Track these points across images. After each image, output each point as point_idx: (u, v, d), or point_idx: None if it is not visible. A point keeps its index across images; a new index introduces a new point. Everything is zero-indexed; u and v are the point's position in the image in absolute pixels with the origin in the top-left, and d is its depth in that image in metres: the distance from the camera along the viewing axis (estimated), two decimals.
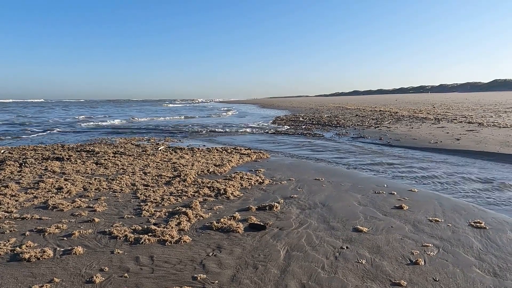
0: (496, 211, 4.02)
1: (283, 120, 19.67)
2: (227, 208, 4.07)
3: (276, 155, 8.08)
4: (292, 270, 2.57)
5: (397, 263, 2.70)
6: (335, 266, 2.64)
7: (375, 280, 2.43)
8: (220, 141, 11.03)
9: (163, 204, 4.22)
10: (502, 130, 11.25)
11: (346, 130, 13.48)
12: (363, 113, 22.47)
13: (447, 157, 7.56)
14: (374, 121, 16.80)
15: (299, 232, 3.32)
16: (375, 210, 3.96)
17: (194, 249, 2.96)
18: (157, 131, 14.72)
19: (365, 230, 3.35)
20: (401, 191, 4.72)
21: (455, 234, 3.26)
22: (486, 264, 2.67)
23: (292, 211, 3.92)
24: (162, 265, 2.66)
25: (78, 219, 3.69)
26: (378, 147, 9.34)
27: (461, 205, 4.17)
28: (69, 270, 2.56)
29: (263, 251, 2.90)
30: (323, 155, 8.13)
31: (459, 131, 11.50)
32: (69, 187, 4.93)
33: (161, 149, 8.80)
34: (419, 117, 17.44)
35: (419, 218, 3.68)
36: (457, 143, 9.30)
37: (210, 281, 2.42)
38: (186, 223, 3.52)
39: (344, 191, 4.78)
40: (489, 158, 7.32)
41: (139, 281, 2.42)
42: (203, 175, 5.82)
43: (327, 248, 2.97)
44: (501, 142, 9.00)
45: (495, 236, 3.22)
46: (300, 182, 5.28)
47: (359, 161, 7.28)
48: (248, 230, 3.36)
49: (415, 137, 10.70)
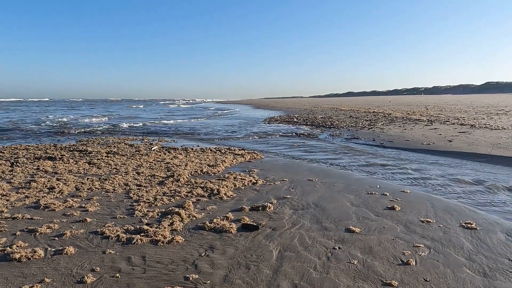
0: (487, 212, 4.06)
1: (277, 120, 19.69)
2: (220, 208, 4.07)
3: (269, 155, 8.09)
4: (284, 270, 2.57)
5: (388, 263, 2.71)
6: (327, 267, 2.65)
7: (366, 280, 2.45)
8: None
9: (156, 204, 4.20)
10: (493, 132, 11.37)
11: (340, 131, 13.53)
12: (357, 114, 22.57)
13: (440, 158, 7.62)
14: (368, 122, 16.89)
15: (292, 232, 3.32)
16: (368, 211, 3.98)
17: (187, 249, 2.95)
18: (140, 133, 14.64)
19: (357, 230, 3.37)
20: (393, 192, 4.75)
21: (446, 235, 3.29)
22: (476, 265, 2.70)
23: (285, 212, 3.93)
24: (154, 265, 2.65)
25: (70, 219, 3.67)
26: (372, 148, 9.39)
27: (453, 206, 4.20)
28: (60, 270, 2.54)
29: (256, 251, 2.91)
30: (316, 156, 8.16)
31: (452, 133, 11.60)
32: (61, 187, 4.89)
33: (155, 149, 8.77)
34: (412, 119, 17.56)
35: (411, 219, 3.71)
36: (450, 144, 9.38)
37: (202, 281, 2.42)
38: (179, 223, 3.52)
39: (337, 191, 4.80)
40: (481, 160, 7.39)
41: (130, 281, 2.41)
42: (196, 175, 5.81)
43: (320, 248, 2.98)
44: (492, 143, 9.09)
45: (485, 236, 3.25)
46: (293, 182, 5.29)
47: (353, 162, 7.31)
48: (241, 231, 3.37)
49: (408, 138, 10.77)
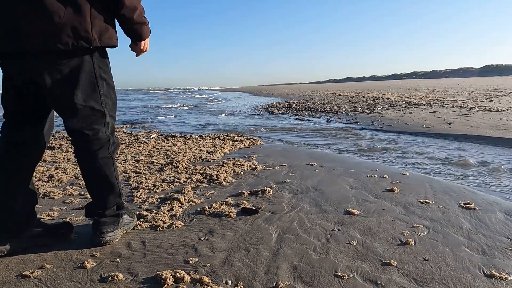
0: (486, 192, 4.07)
1: (276, 107, 19.62)
2: (219, 193, 4.07)
3: (268, 141, 8.07)
4: (284, 252, 2.58)
5: (387, 243, 2.72)
6: (327, 248, 2.66)
7: (365, 261, 2.46)
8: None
9: (155, 190, 4.21)
10: (493, 114, 11.35)
11: (339, 116, 13.50)
12: (356, 99, 22.50)
13: (439, 141, 7.61)
14: (367, 107, 16.84)
15: (291, 215, 3.33)
16: (367, 193, 3.98)
17: (186, 233, 2.96)
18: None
19: (356, 212, 3.38)
20: (392, 175, 4.75)
21: (445, 215, 3.29)
22: (475, 243, 2.71)
23: (284, 196, 3.93)
24: (154, 249, 2.66)
25: (70, 207, 3.67)
26: (371, 132, 9.38)
27: (452, 187, 4.21)
28: (60, 257, 2.55)
29: (255, 234, 2.92)
30: (316, 140, 8.15)
31: (451, 116, 11.58)
32: (60, 175, 4.89)
33: (153, 137, 8.75)
34: (411, 103, 17.51)
35: (410, 200, 3.72)
36: (449, 127, 9.36)
37: (202, 264, 2.43)
38: (178, 209, 3.52)
39: (336, 175, 4.80)
40: (480, 142, 7.38)
41: (131, 266, 2.42)
42: (195, 161, 5.81)
43: (319, 230, 2.98)
44: (491, 125, 9.08)
45: (484, 216, 3.26)
46: (292, 167, 5.29)
47: (352, 146, 7.30)
48: (240, 215, 3.37)
49: (407, 122, 10.75)
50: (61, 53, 2.30)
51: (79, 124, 2.49)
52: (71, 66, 2.35)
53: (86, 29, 2.31)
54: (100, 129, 2.57)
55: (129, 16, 2.48)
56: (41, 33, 2.23)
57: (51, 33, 2.24)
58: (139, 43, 2.70)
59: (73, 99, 2.42)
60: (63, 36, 2.23)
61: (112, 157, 2.67)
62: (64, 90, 2.41)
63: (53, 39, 2.24)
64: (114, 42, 2.55)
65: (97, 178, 2.64)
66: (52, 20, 2.22)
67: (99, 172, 2.61)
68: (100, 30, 2.40)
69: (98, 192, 2.69)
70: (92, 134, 2.54)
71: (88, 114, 2.50)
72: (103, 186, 2.66)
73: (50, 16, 2.21)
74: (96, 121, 2.55)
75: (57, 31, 2.24)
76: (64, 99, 2.44)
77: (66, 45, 2.25)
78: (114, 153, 2.71)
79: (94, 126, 2.54)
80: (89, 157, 2.59)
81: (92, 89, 2.49)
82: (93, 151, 2.56)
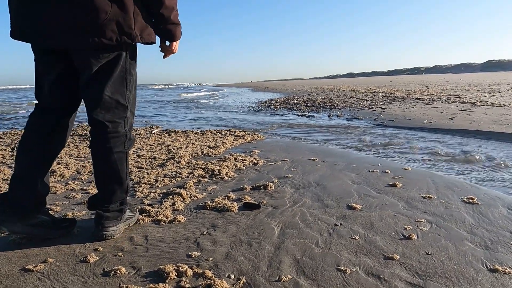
0: (489, 187, 4.06)
1: (278, 103, 19.59)
2: (221, 188, 4.07)
3: (270, 136, 8.06)
4: (286, 247, 2.58)
5: (390, 238, 2.72)
6: (329, 242, 2.66)
7: (368, 255, 2.46)
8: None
9: (157, 185, 4.21)
10: (495, 109, 11.30)
11: (340, 111, 13.46)
12: (358, 95, 22.45)
13: (441, 136, 7.59)
14: (369, 102, 16.80)
15: (293, 210, 3.33)
16: (369, 188, 3.98)
17: (189, 228, 2.96)
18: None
19: (358, 207, 3.37)
20: (394, 170, 4.74)
21: (448, 210, 3.29)
22: (477, 238, 2.71)
23: (286, 190, 3.93)
24: (156, 244, 2.66)
25: (72, 201, 3.68)
26: (373, 127, 9.36)
27: (454, 182, 4.20)
28: (63, 251, 2.56)
29: (258, 229, 2.92)
30: (317, 136, 8.13)
31: (453, 111, 11.54)
32: (62, 170, 4.90)
33: (155, 132, 8.75)
34: (413, 98, 17.46)
35: (413, 195, 3.71)
36: (451, 122, 9.33)
37: (204, 258, 2.43)
38: (181, 203, 3.52)
39: (338, 170, 4.80)
40: (482, 137, 7.36)
41: (133, 260, 2.42)
42: (197, 157, 5.81)
43: (321, 225, 2.98)
44: (494, 121, 9.05)
45: (487, 211, 3.25)
46: (294, 162, 5.28)
47: (354, 141, 7.29)
48: (242, 209, 3.37)
49: (409, 117, 10.72)
50: (104, 47, 2.38)
51: (102, 115, 2.54)
52: (109, 59, 2.43)
53: (129, 25, 2.39)
54: (120, 123, 2.62)
55: (167, 15, 2.55)
56: (87, 28, 2.29)
57: (97, 28, 2.30)
58: (171, 43, 2.76)
59: (103, 90, 2.49)
60: (108, 32, 2.30)
61: (126, 153, 2.71)
62: (98, 82, 2.49)
63: (99, 34, 2.31)
64: (153, 39, 2.63)
65: (108, 171, 2.66)
66: (99, 16, 2.28)
67: (112, 165, 2.64)
68: (141, 27, 2.48)
69: (107, 185, 2.71)
70: (112, 127, 2.58)
71: (112, 106, 2.56)
72: (112, 180, 2.68)
73: (97, 12, 2.27)
74: (118, 114, 2.60)
75: (103, 26, 2.31)
76: (96, 90, 2.50)
77: (110, 40, 2.33)
78: (129, 150, 2.74)
79: (116, 119, 2.59)
80: (105, 150, 2.61)
81: (120, 83, 2.55)
82: (109, 144, 2.60)
